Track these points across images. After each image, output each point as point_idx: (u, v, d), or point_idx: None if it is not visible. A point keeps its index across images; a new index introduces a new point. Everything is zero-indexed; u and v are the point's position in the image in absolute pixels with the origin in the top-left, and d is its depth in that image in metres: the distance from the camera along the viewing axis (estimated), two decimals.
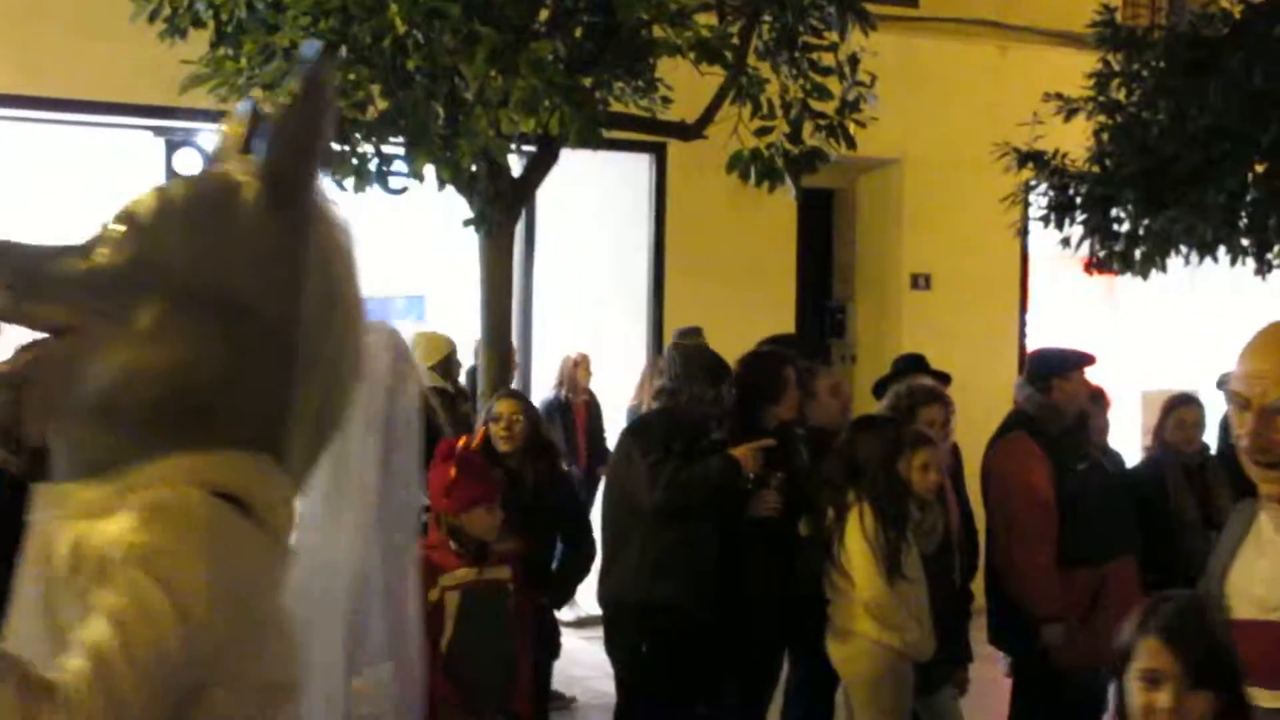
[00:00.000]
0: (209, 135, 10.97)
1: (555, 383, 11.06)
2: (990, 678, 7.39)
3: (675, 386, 6.69)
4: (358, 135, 7.21)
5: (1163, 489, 7.31)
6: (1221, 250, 9.55)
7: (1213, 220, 9.22)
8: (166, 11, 7.39)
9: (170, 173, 11.15)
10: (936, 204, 13.75)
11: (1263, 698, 4.30)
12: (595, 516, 7.48)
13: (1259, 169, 9.21)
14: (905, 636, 6.12)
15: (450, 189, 7.56)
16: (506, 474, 6.73)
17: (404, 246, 12.36)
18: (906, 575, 6.15)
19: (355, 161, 7.27)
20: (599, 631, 6.94)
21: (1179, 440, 7.43)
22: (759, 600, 6.55)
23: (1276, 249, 9.58)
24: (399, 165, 7.59)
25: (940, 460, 6.62)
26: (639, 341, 12.47)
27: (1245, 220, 9.31)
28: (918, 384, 7.24)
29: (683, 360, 6.75)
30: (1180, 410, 7.55)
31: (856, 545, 6.20)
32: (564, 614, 10.40)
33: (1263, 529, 4.34)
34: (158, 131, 10.99)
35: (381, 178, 7.51)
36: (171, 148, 11.15)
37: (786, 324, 12.80)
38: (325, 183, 6.64)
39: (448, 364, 9.02)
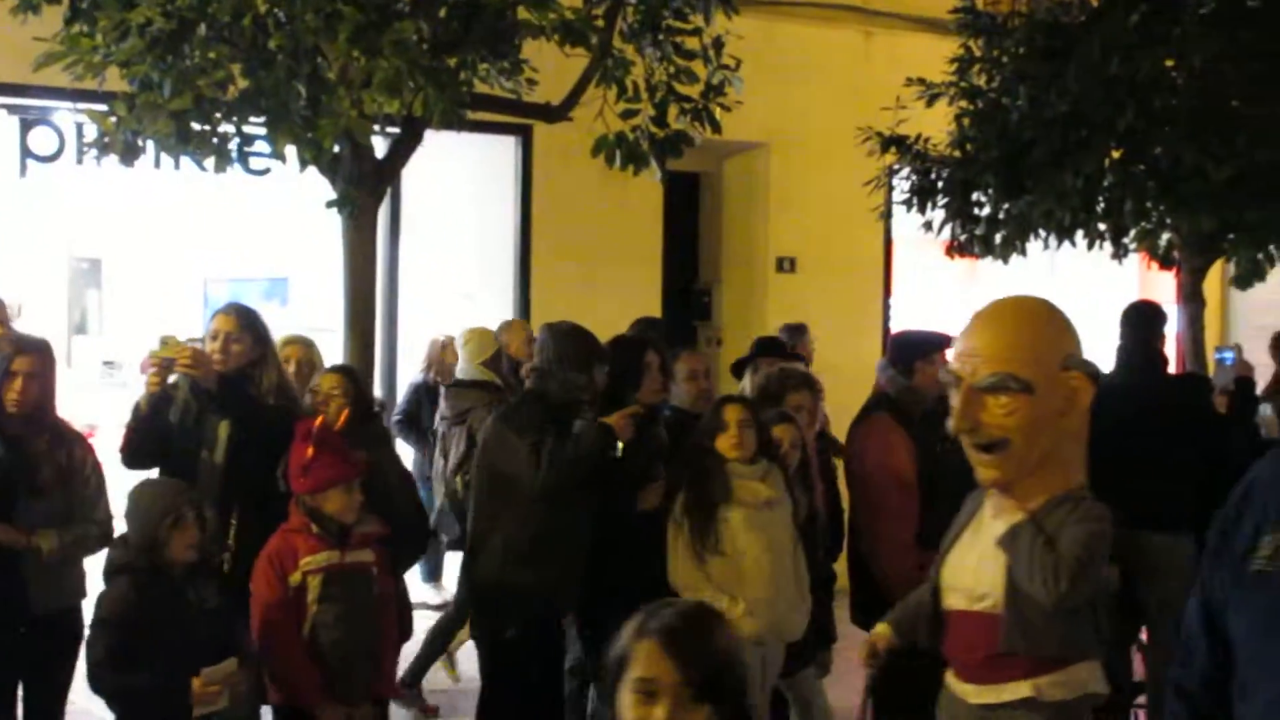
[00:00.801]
0: (63, 114, 10.77)
1: (423, 365, 10.99)
2: (853, 658, 7.45)
3: (546, 369, 6.68)
4: (218, 115, 7.09)
5: None
6: (1079, 234, 9.72)
7: (1070, 205, 9.37)
8: None
9: (24, 151, 10.92)
10: (801, 187, 13.85)
11: (968, 693, 4.33)
12: None
13: (1115, 154, 9.37)
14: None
15: (312, 170, 7.47)
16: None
17: (266, 228, 12.22)
18: (720, 552, 6.16)
19: (216, 141, 7.15)
20: None
21: None
22: (626, 589, 6.55)
23: (1133, 233, 9.77)
24: (260, 145, 7.48)
25: (799, 440, 6.68)
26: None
27: (1102, 205, 9.47)
28: (789, 368, 7.30)
29: (555, 343, 6.73)
30: None
31: (670, 524, 6.25)
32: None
33: (984, 517, 4.35)
34: (11, 110, 10.75)
35: (243, 158, 7.40)
36: (26, 126, 10.92)
37: (653, 307, 12.84)
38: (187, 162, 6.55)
39: (497, 359, 8.99)
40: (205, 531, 5.67)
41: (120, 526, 5.89)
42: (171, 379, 6.52)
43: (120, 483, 6.30)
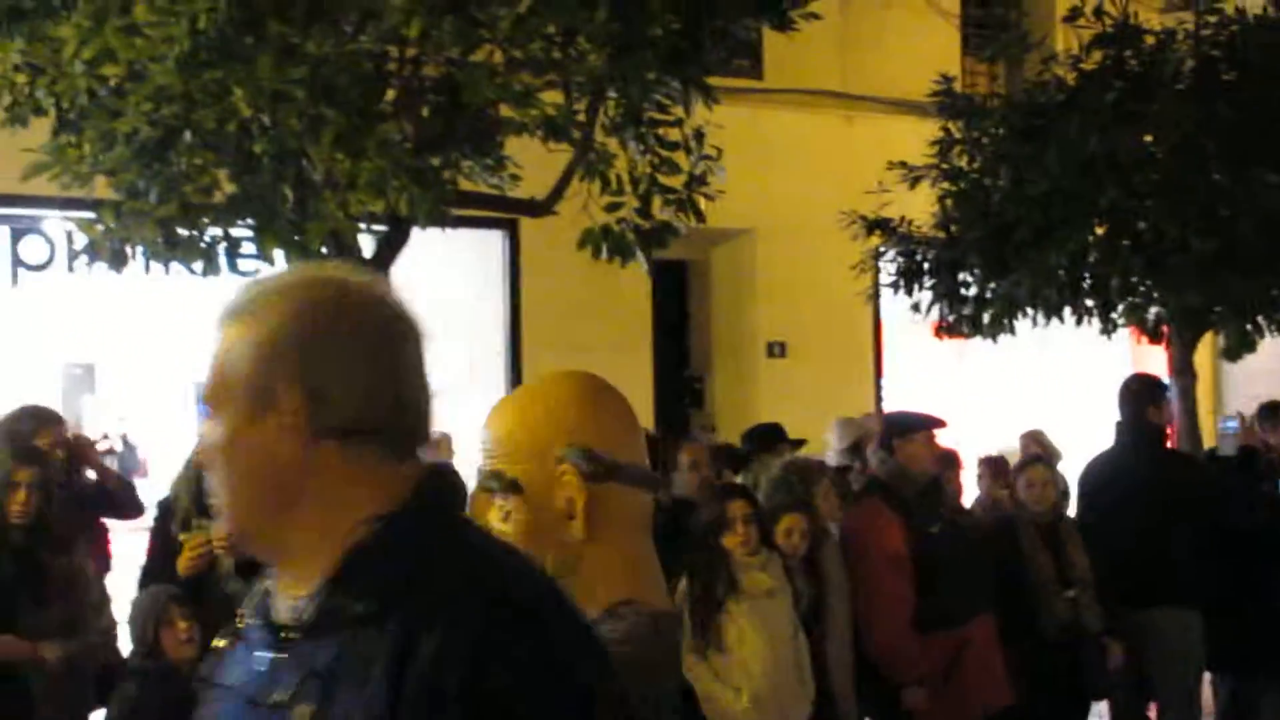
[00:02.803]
0: (53, 222, 10.83)
1: None
2: None
3: None
4: (205, 220, 7.13)
5: (1017, 548, 7.40)
6: (1067, 311, 9.76)
7: (1056, 282, 9.43)
8: (7, 100, 7.27)
9: (15, 260, 10.97)
10: (789, 272, 13.91)
11: None
12: None
13: (1099, 231, 9.45)
14: (723, 705, 6.08)
15: None
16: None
17: None
18: (723, 647, 6.13)
19: (204, 246, 7.19)
20: None
21: (1030, 499, 7.53)
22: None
23: (1120, 308, 9.81)
24: (248, 248, 7.52)
25: (807, 530, 6.63)
26: None
27: (1089, 281, 9.52)
28: (806, 460, 7.28)
29: None
30: (1029, 470, 7.66)
31: None
32: None
33: None
34: (1, 219, 10.82)
35: (231, 261, 7.43)
36: (16, 235, 10.99)
37: (645, 396, 12.86)
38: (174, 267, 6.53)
39: (857, 447, 8.91)
40: (205, 626, 5.66)
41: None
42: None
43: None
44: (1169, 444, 8.48)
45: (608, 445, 2.95)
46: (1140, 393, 7.93)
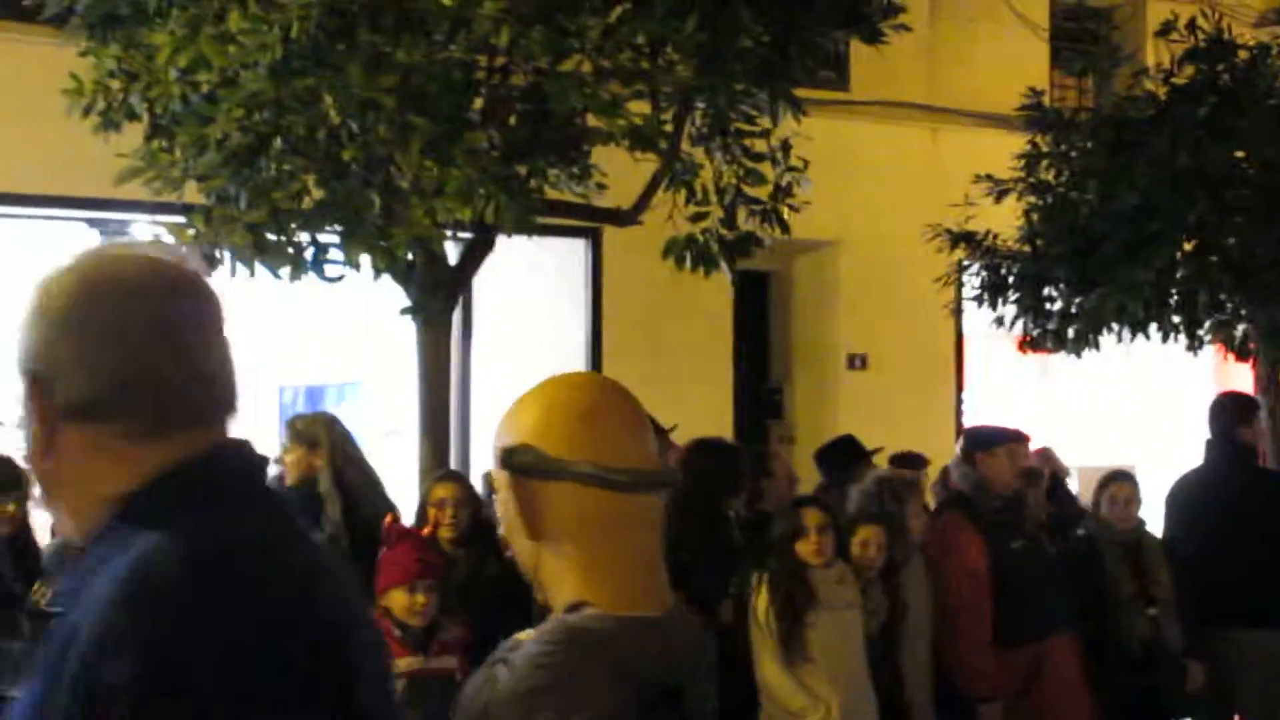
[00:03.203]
0: (143, 226, 10.96)
1: None
2: None
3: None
4: (293, 225, 7.20)
5: (1099, 566, 7.34)
6: (1153, 327, 9.66)
7: (1143, 297, 9.33)
8: (101, 105, 7.38)
9: None
10: (871, 284, 13.86)
11: None
12: None
13: (1188, 247, 9.35)
14: (805, 718, 6.08)
15: (386, 277, 7.56)
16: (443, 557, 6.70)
17: (341, 334, 12.34)
18: (808, 657, 6.12)
19: (291, 251, 7.26)
20: None
21: (1114, 516, 7.47)
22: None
23: (1207, 325, 9.70)
24: (335, 254, 7.59)
25: (885, 543, 6.61)
26: None
27: (1175, 297, 9.43)
28: (901, 475, 7.27)
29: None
30: (1113, 486, 7.60)
31: (754, 628, 6.21)
32: None
33: None
34: (91, 223, 10.96)
35: (317, 266, 7.50)
36: (107, 239, 11.12)
37: (724, 406, 12.86)
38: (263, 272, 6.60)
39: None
40: None
41: None
42: None
43: None
44: (1260, 463, 8.36)
45: (583, 447, 2.85)
46: (1232, 410, 7.84)
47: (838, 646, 6.14)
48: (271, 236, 7.16)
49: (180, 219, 7.39)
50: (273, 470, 6.57)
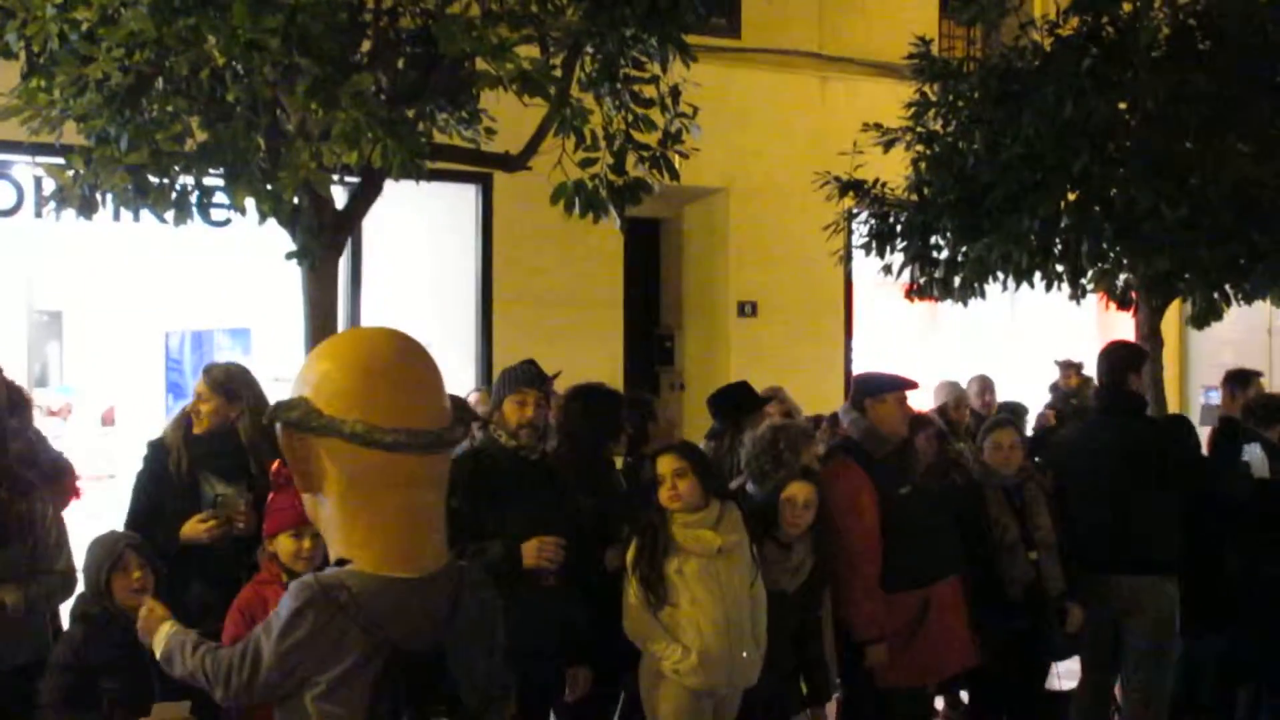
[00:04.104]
0: (21, 167, 10.75)
1: None
2: None
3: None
4: (176, 168, 7.08)
5: (984, 510, 7.43)
6: (1037, 276, 9.78)
7: (1027, 247, 9.44)
8: None
9: None
10: (761, 232, 13.92)
11: None
12: None
13: (1071, 197, 9.46)
14: (670, 664, 6.11)
15: (272, 221, 7.47)
16: None
17: (227, 279, 12.19)
18: (672, 601, 6.14)
19: (175, 194, 7.15)
20: None
21: (997, 462, 7.56)
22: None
23: (1090, 274, 9.83)
24: (220, 198, 7.49)
25: (814, 499, 6.59)
26: (468, 371, 12.43)
27: (1059, 247, 9.54)
28: (795, 426, 7.27)
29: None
30: (997, 432, 7.68)
31: (625, 575, 6.25)
32: None
33: None
34: None
35: (202, 210, 7.39)
36: None
37: (615, 353, 12.88)
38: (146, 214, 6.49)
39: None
40: (157, 577, 5.63)
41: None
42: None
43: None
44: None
45: (356, 406, 2.97)
46: (1126, 359, 7.90)
47: (717, 593, 6.13)
48: (154, 179, 7.04)
49: (59, 160, 7.23)
50: (174, 413, 6.49)
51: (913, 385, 7.27)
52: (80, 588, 5.88)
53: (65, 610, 6.25)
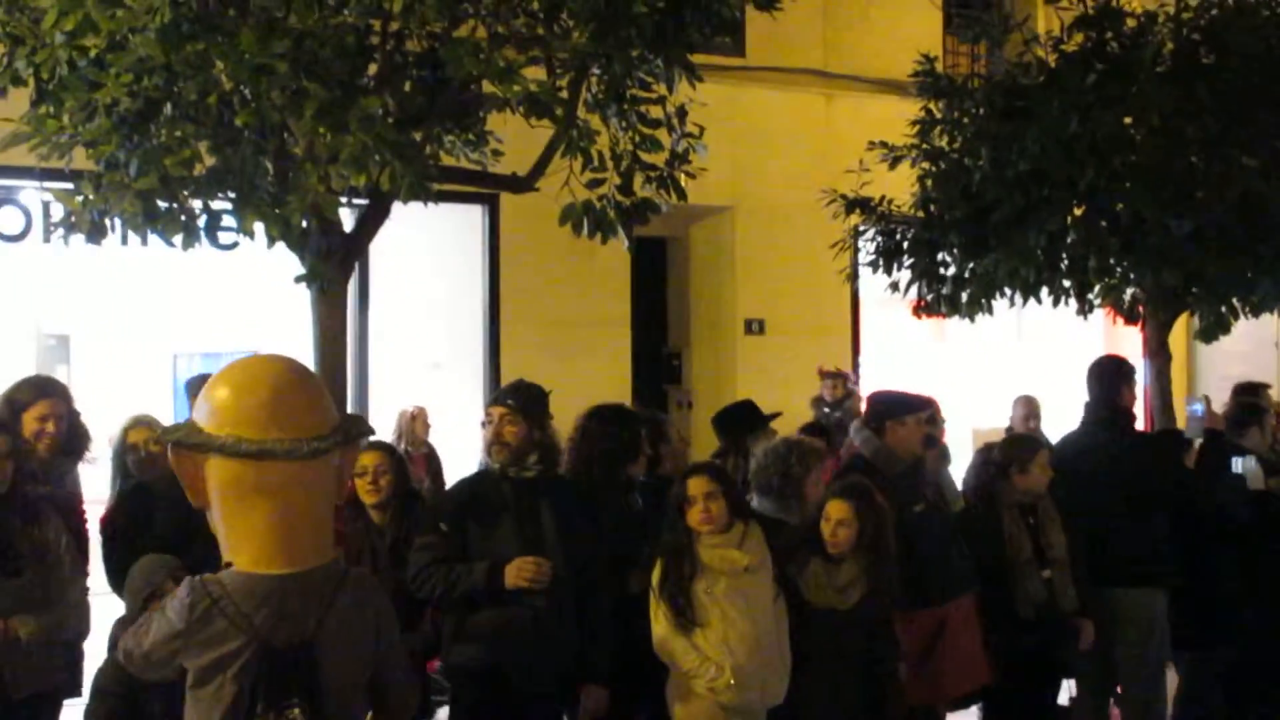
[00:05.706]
0: (30, 193, 10.78)
1: (393, 436, 10.98)
2: None
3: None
4: (185, 193, 7.10)
5: (998, 529, 7.40)
6: (1044, 291, 9.78)
7: (1034, 262, 9.45)
8: None
9: None
10: (768, 250, 13.93)
11: None
12: None
13: (1078, 212, 9.47)
14: (705, 683, 6.09)
15: (281, 245, 7.48)
16: (368, 526, 6.77)
17: (236, 303, 12.23)
18: (701, 622, 6.12)
19: (183, 219, 7.16)
20: None
21: (1039, 483, 7.47)
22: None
23: (1097, 289, 9.84)
24: (228, 222, 7.50)
25: (852, 518, 6.49)
26: (476, 392, 12.43)
27: (1066, 262, 9.55)
28: (808, 443, 7.23)
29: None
30: (1042, 453, 7.59)
31: (651, 596, 6.23)
32: None
33: None
34: None
35: (210, 234, 7.41)
36: None
37: (623, 372, 12.88)
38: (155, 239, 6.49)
39: None
40: None
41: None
42: None
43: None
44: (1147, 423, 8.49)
45: (228, 422, 3.29)
46: (1113, 374, 7.94)
47: (747, 612, 6.14)
48: (163, 204, 7.06)
49: (68, 186, 7.26)
50: None
51: (930, 405, 7.27)
52: (121, 610, 5.91)
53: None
